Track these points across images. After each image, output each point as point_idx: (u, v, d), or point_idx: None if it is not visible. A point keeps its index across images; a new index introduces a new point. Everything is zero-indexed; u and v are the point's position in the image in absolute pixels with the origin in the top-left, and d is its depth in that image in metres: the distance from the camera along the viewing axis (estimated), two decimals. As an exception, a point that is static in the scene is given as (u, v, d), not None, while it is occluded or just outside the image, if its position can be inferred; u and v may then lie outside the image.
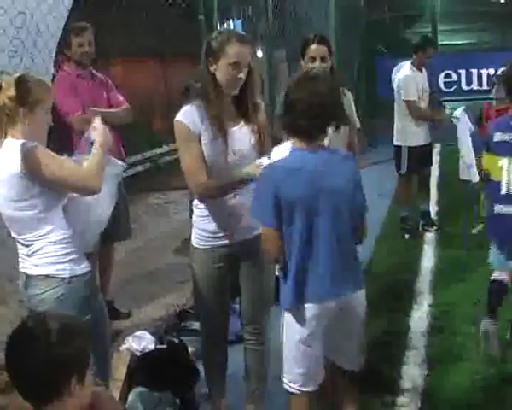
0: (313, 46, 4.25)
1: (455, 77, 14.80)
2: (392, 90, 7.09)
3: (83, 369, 1.99)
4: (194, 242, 3.45)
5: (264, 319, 3.63)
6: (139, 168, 9.87)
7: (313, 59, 4.22)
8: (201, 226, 3.39)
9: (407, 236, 6.97)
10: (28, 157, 2.81)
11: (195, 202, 3.42)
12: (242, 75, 3.19)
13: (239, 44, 3.17)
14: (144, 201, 8.63)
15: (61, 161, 2.94)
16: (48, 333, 1.93)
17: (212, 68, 3.21)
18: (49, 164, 2.85)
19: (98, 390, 2.26)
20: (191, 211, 3.55)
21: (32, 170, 2.82)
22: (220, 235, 3.37)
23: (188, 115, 3.23)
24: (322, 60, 4.21)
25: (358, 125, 4.58)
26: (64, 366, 1.94)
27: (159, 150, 10.82)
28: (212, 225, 3.36)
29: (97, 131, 3.12)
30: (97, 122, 3.16)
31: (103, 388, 2.46)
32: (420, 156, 6.87)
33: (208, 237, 3.39)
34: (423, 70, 6.97)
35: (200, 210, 3.39)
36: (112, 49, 8.86)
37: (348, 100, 4.47)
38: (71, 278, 2.95)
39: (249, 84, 3.28)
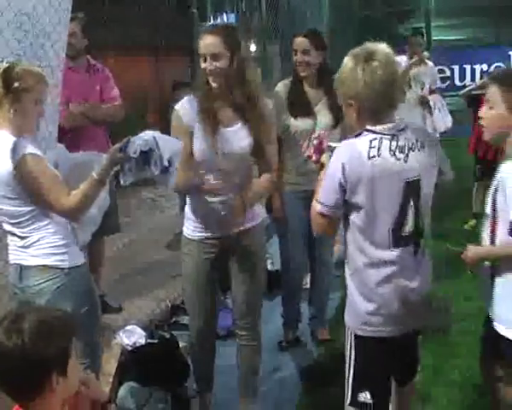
0: (296, 39, 4.34)
1: (448, 72, 14.78)
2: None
3: (63, 363, 1.95)
4: (187, 233, 3.44)
5: (256, 313, 3.63)
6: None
7: (295, 51, 4.30)
8: (193, 217, 3.39)
9: None
10: (20, 164, 2.78)
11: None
12: (207, 66, 3.14)
13: (205, 35, 3.16)
14: (137, 195, 8.58)
15: (51, 181, 2.87)
16: (22, 333, 1.88)
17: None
18: (38, 179, 2.82)
19: (86, 376, 2.25)
20: (184, 204, 3.54)
21: (20, 179, 2.80)
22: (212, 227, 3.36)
23: (185, 106, 3.23)
24: (304, 53, 4.26)
25: None
26: (41, 365, 1.90)
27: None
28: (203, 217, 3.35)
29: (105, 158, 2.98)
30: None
31: (92, 375, 2.45)
32: None
33: (201, 229, 3.37)
34: (425, 63, 7.01)
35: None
36: (104, 43, 8.80)
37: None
38: (69, 269, 2.95)
39: (235, 77, 3.18)
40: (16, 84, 2.82)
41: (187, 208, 3.43)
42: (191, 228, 3.40)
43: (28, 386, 1.92)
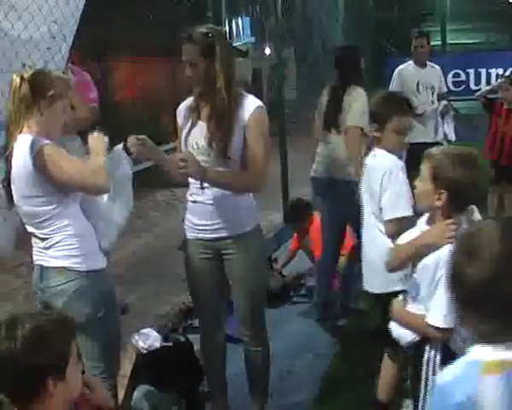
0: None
1: (463, 76, 14.71)
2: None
3: (60, 368, 1.97)
4: (186, 232, 3.47)
5: (258, 318, 3.56)
6: (147, 164, 9.84)
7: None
8: (189, 218, 3.43)
9: None
10: (38, 156, 2.81)
11: (188, 192, 3.44)
12: (187, 72, 3.24)
13: (184, 43, 3.25)
14: (151, 197, 8.62)
15: (69, 160, 2.94)
16: (15, 340, 1.92)
17: None
18: (57, 162, 2.85)
19: (91, 379, 2.25)
20: None
21: (42, 168, 2.83)
22: (206, 228, 3.35)
23: (180, 107, 3.50)
24: None
25: None
26: (34, 372, 1.92)
27: (166, 146, 10.79)
28: (196, 218, 3.38)
29: (92, 140, 3.08)
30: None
31: (97, 378, 2.45)
32: (419, 154, 6.77)
33: (196, 229, 3.39)
34: (428, 66, 6.92)
35: (189, 202, 3.43)
36: (120, 46, 8.85)
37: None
38: (88, 272, 2.96)
39: (211, 85, 3.21)
40: (51, 91, 2.87)
41: (186, 208, 3.50)
42: (189, 228, 3.43)
43: (23, 391, 1.95)
